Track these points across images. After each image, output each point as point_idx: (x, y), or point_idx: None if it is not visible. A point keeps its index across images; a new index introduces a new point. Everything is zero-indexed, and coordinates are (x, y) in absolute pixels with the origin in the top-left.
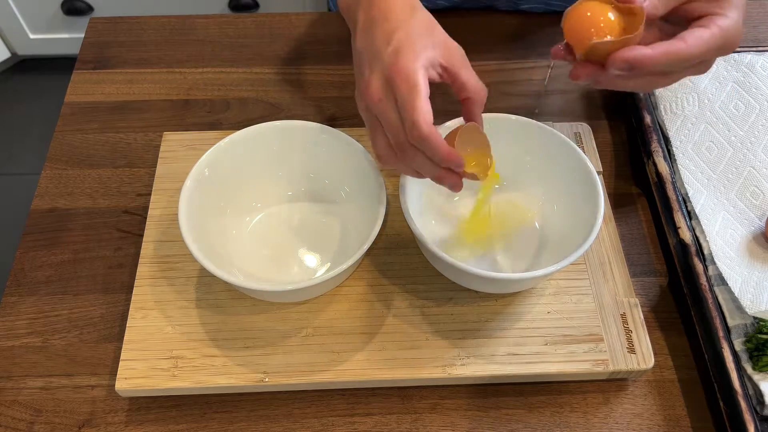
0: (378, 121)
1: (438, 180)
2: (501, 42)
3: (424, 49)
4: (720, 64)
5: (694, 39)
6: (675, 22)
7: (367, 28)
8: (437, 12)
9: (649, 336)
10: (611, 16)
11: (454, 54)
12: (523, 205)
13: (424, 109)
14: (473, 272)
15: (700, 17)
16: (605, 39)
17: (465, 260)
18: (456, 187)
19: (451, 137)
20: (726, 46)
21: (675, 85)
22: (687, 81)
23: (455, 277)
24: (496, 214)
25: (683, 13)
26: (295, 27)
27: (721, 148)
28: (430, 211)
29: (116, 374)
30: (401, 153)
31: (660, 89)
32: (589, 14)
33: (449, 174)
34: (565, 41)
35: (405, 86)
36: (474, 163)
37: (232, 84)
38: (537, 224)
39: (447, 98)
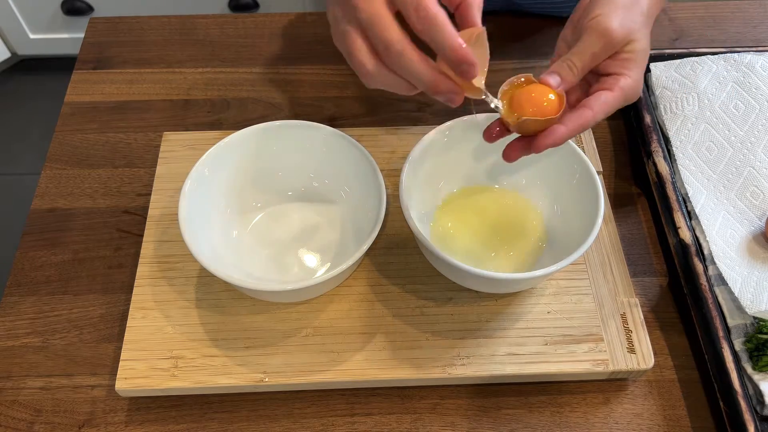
0: (357, 27)
1: (433, 89)
2: (501, 42)
3: None
4: (720, 64)
5: (599, 105)
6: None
7: None
8: None
9: (649, 336)
10: (551, 96)
11: None
12: (524, 205)
13: None
14: (473, 272)
15: (608, 74)
16: (535, 118)
17: (465, 260)
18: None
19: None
20: (627, 101)
21: (675, 85)
22: (687, 81)
23: (455, 277)
24: (497, 214)
25: (595, 70)
26: (295, 27)
27: (721, 148)
28: (430, 211)
29: (116, 374)
30: (389, 58)
31: (659, 89)
32: (533, 95)
33: (445, 80)
34: (498, 118)
35: None
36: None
37: (232, 84)
38: (537, 224)
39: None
